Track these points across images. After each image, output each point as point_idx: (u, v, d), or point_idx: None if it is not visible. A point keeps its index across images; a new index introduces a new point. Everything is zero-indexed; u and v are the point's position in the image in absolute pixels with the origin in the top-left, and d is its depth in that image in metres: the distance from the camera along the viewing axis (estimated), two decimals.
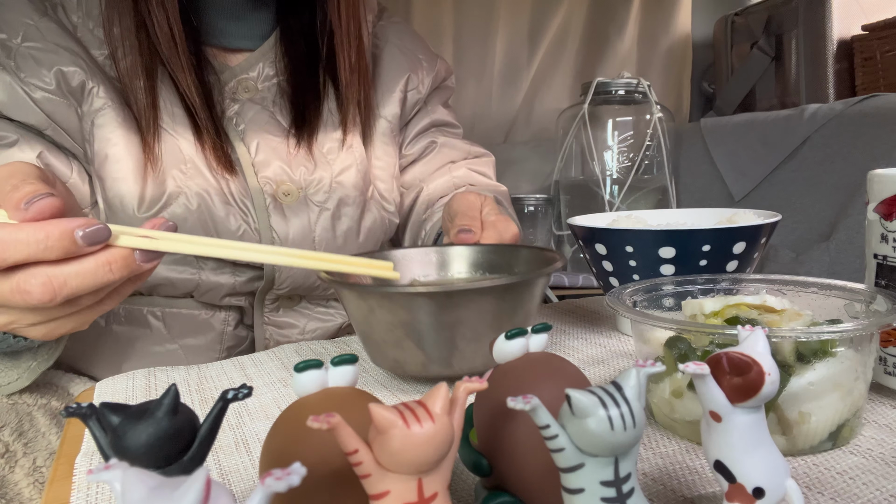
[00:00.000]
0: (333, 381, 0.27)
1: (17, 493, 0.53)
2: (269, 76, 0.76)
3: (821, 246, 1.15)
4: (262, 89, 0.75)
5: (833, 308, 0.42)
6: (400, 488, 0.22)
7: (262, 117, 0.73)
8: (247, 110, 0.72)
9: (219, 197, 0.68)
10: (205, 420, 0.24)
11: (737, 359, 0.27)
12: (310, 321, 0.77)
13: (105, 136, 0.66)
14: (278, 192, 0.70)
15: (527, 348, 0.30)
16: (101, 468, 0.20)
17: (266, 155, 0.71)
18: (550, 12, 1.67)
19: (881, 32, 1.31)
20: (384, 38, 0.86)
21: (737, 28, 1.62)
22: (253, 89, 0.74)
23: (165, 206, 0.67)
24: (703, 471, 0.35)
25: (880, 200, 0.42)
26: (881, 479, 0.33)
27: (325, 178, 0.73)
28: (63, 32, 0.67)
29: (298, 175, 0.72)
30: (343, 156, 0.75)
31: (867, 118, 1.15)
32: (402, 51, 0.86)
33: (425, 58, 0.88)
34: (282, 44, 0.77)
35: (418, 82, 0.86)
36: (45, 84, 0.65)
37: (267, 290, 0.72)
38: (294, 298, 0.76)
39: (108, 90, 0.67)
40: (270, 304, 0.74)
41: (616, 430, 0.23)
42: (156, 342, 0.72)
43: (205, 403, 0.49)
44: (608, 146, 1.49)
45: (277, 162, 0.71)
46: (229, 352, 0.75)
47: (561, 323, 0.66)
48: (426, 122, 0.89)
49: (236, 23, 0.75)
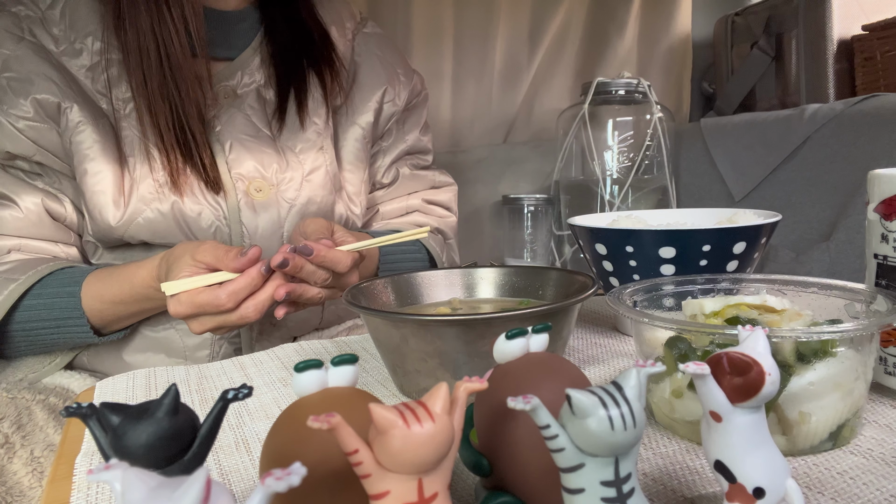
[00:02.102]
0: (333, 381, 0.27)
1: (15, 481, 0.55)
2: (248, 83, 0.79)
3: (821, 246, 1.15)
4: (240, 94, 0.78)
5: (833, 308, 0.42)
6: (400, 488, 0.22)
7: (237, 119, 0.76)
8: (223, 113, 0.76)
9: (189, 197, 0.72)
10: (205, 420, 0.24)
11: (737, 359, 0.27)
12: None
13: (83, 151, 0.71)
14: (250, 189, 0.74)
15: (527, 348, 0.30)
16: (101, 468, 0.20)
17: (239, 153, 0.75)
18: (550, 12, 1.67)
19: (881, 32, 1.31)
20: (366, 48, 0.90)
21: (737, 28, 1.61)
22: (232, 94, 0.78)
23: (137, 214, 0.71)
24: (703, 471, 0.35)
25: (880, 200, 0.42)
26: (881, 479, 0.33)
27: (295, 177, 0.77)
28: (37, 57, 0.70)
29: (270, 173, 0.76)
30: (314, 156, 0.79)
31: (867, 118, 1.15)
32: (382, 63, 0.90)
33: (403, 72, 0.92)
34: (262, 52, 0.81)
35: (394, 95, 0.90)
36: (25, 113, 0.69)
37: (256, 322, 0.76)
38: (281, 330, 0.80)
39: (82, 108, 0.71)
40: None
41: (616, 430, 0.23)
42: (152, 327, 0.76)
43: (205, 403, 0.49)
44: (608, 146, 1.48)
45: (250, 160, 0.75)
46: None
47: None
48: (401, 148, 0.94)
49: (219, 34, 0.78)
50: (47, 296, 0.69)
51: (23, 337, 0.71)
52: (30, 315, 0.70)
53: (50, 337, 0.71)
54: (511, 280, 0.56)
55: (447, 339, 0.42)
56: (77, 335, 0.71)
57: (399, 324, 0.43)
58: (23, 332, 0.71)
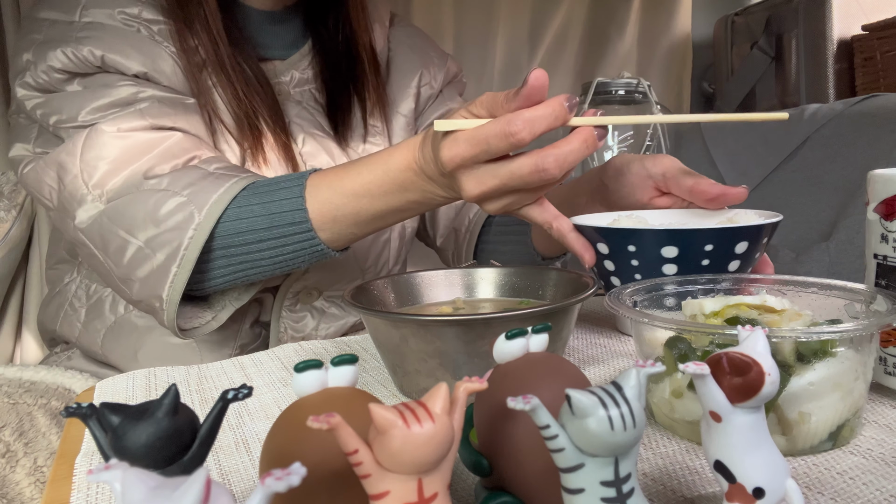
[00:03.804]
0: (333, 381, 0.27)
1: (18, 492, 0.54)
2: (302, 81, 0.81)
3: (821, 246, 1.15)
4: (293, 94, 0.80)
5: (833, 308, 0.42)
6: (400, 488, 0.22)
7: (304, 115, 0.78)
8: (288, 109, 0.77)
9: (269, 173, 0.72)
10: (205, 420, 0.24)
11: (737, 359, 0.27)
12: (323, 318, 0.80)
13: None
14: None
15: (527, 348, 0.30)
16: (101, 468, 0.20)
17: (312, 147, 0.76)
18: (550, 12, 1.67)
19: (881, 32, 1.31)
20: (397, 41, 0.91)
21: (737, 28, 1.61)
22: (286, 93, 0.79)
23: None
24: (703, 471, 0.35)
25: (880, 200, 0.42)
26: (881, 479, 0.33)
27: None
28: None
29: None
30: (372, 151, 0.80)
31: (867, 118, 1.15)
32: (414, 49, 0.91)
33: (436, 55, 0.93)
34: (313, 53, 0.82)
35: (430, 78, 0.90)
36: (172, 51, 0.69)
37: (294, 279, 0.76)
38: (313, 294, 0.79)
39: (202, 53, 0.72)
40: (291, 297, 0.77)
41: (616, 430, 0.23)
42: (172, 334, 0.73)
43: (205, 403, 0.49)
44: (608, 146, 1.48)
45: (324, 154, 0.77)
46: (242, 349, 0.77)
47: None
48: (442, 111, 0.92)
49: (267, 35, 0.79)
50: (264, 191, 0.62)
51: (237, 252, 0.62)
52: (242, 222, 0.61)
53: (267, 249, 0.62)
54: (511, 280, 0.56)
55: (447, 340, 0.42)
56: (302, 246, 0.61)
57: (399, 324, 0.43)
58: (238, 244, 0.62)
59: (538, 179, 0.48)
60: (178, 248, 0.60)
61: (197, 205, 0.60)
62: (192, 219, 0.60)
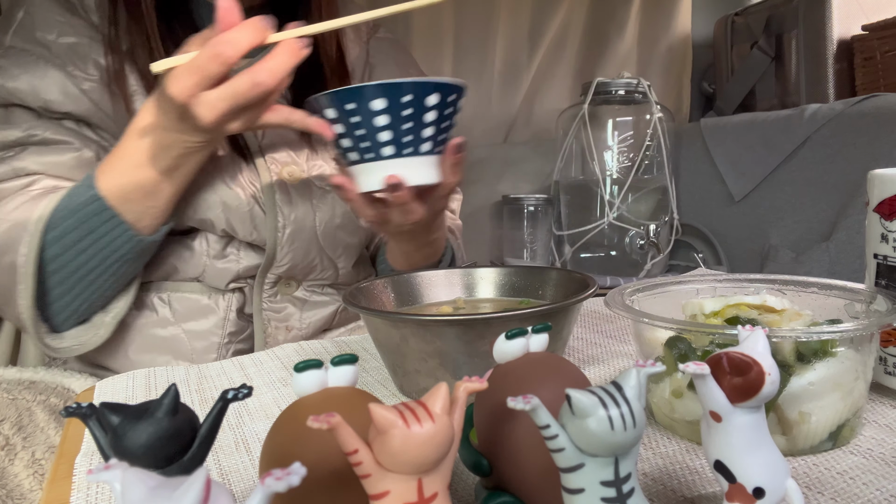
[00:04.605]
0: (333, 381, 0.27)
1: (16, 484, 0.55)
2: None
3: (821, 246, 1.15)
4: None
5: (833, 308, 0.42)
6: (400, 488, 0.22)
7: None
8: None
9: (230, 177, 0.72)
10: (205, 420, 0.24)
11: (737, 359, 0.27)
12: (305, 307, 0.80)
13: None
14: (283, 173, 0.75)
15: (527, 348, 0.30)
16: (101, 468, 0.20)
17: (272, 139, 0.76)
18: (550, 12, 1.67)
19: (881, 32, 1.31)
20: (381, 52, 0.91)
21: (737, 28, 1.61)
22: None
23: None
24: (703, 471, 0.35)
25: (880, 200, 0.42)
26: (881, 479, 0.33)
27: (325, 167, 0.79)
28: (90, 28, 0.71)
29: (302, 159, 0.77)
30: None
31: (867, 118, 1.15)
32: (398, 64, 0.91)
33: (416, 74, 0.93)
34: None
35: None
36: (90, 75, 0.69)
37: (267, 268, 0.75)
38: (292, 285, 0.79)
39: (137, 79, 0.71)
40: (269, 287, 0.77)
41: (616, 430, 0.23)
42: (160, 325, 0.75)
43: (205, 403, 0.49)
44: (608, 146, 1.48)
45: (284, 147, 0.76)
46: (231, 338, 0.77)
47: None
48: None
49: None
50: (66, 196, 0.64)
51: (64, 263, 0.64)
52: (57, 229, 0.63)
53: (86, 248, 0.64)
54: (511, 280, 0.56)
55: (447, 340, 0.42)
56: (113, 235, 0.64)
57: (399, 324, 0.43)
58: (60, 255, 0.64)
59: (259, 92, 0.54)
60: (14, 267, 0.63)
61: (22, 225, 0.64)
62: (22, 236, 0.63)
